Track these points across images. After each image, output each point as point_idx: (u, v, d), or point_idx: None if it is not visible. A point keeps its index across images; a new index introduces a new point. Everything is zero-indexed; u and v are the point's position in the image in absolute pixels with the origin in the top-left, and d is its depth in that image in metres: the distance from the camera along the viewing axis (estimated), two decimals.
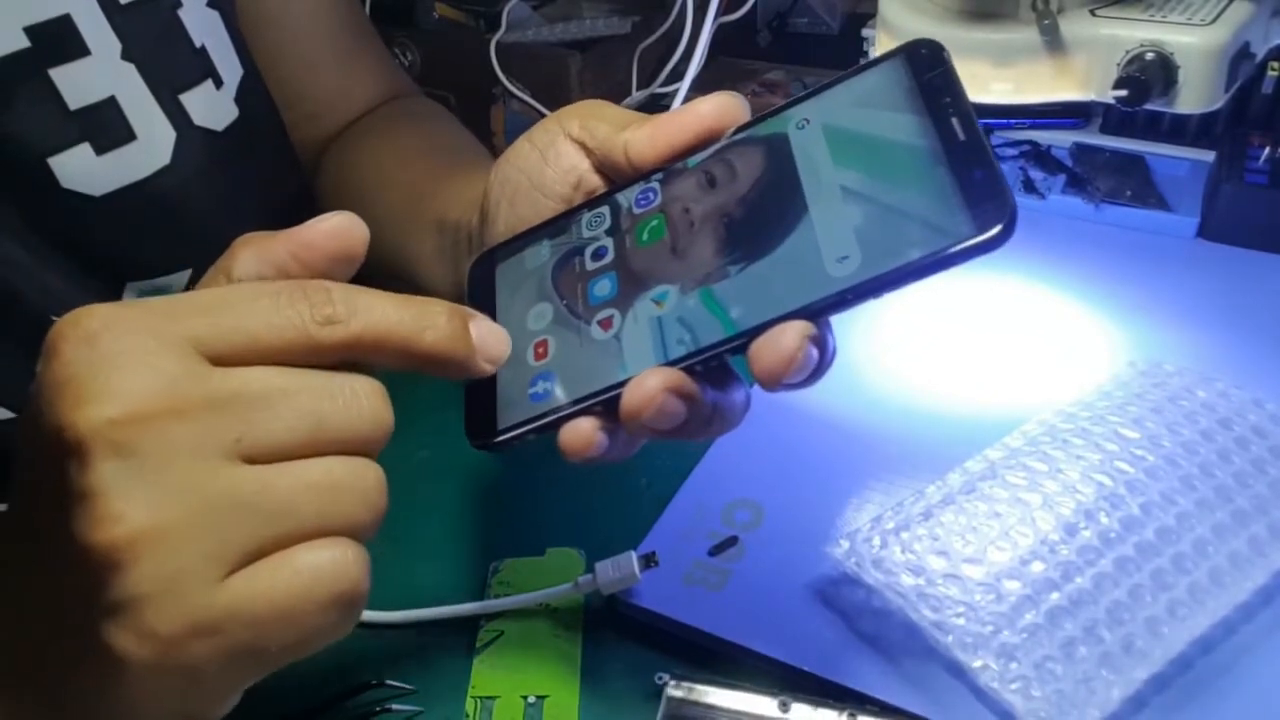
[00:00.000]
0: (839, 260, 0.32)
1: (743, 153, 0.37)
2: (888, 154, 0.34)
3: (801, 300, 0.33)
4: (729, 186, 0.36)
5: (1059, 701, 0.38)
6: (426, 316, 0.31)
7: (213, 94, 0.54)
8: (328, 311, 0.29)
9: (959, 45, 0.54)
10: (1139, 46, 0.51)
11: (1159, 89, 0.51)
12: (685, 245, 0.36)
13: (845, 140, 0.35)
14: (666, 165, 0.38)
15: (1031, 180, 0.73)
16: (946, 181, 0.32)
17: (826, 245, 0.33)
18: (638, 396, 0.33)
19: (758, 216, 0.35)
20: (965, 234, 0.31)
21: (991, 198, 0.31)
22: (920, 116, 0.34)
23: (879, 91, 0.35)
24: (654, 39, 0.93)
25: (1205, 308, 0.61)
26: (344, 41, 0.68)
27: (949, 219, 0.31)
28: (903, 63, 0.35)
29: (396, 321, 0.30)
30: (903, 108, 0.34)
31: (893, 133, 0.34)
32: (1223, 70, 0.51)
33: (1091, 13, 0.53)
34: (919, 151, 0.33)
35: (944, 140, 0.33)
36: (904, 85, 0.35)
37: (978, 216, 0.31)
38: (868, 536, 0.44)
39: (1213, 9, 0.52)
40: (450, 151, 0.64)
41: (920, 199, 0.32)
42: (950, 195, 0.32)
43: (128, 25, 0.48)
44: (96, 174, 0.48)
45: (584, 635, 0.45)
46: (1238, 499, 0.45)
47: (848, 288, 0.32)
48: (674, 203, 0.37)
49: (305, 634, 0.28)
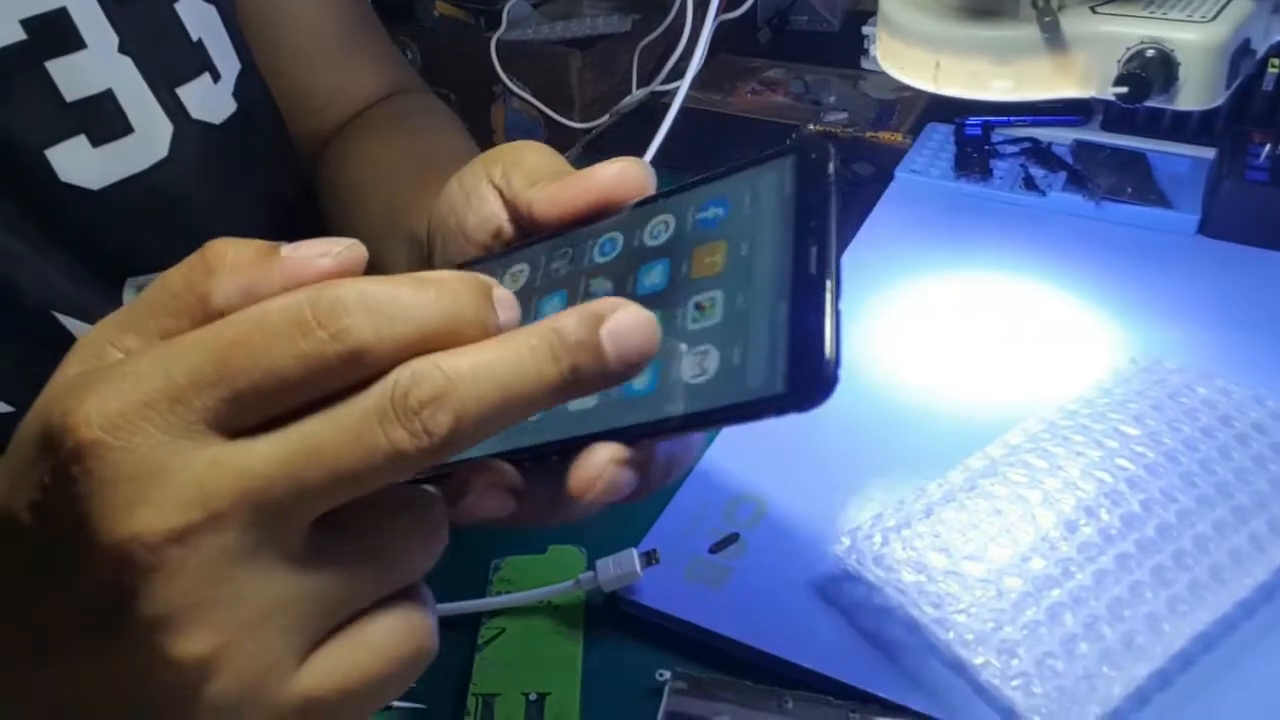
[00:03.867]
0: (654, 386, 0.29)
1: (629, 240, 0.33)
2: (742, 273, 0.29)
3: (609, 420, 0.29)
4: (609, 273, 0.32)
5: (1060, 698, 0.38)
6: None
7: (210, 87, 0.54)
8: (344, 336, 0.24)
9: (959, 42, 0.54)
10: (1139, 43, 0.51)
11: (1159, 86, 0.51)
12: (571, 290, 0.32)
13: (709, 248, 0.30)
14: (568, 227, 0.35)
15: (1032, 177, 0.72)
16: (780, 321, 0.28)
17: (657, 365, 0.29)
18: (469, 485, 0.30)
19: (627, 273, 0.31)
20: (770, 390, 0.27)
21: (810, 356, 0.27)
22: (784, 235, 0.29)
23: (762, 195, 0.30)
24: (654, 37, 0.93)
25: (1206, 305, 0.61)
26: (346, 35, 0.68)
27: (764, 371, 0.27)
28: (790, 166, 0.30)
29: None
30: (773, 221, 0.30)
31: (755, 249, 0.30)
32: (1223, 67, 0.51)
33: (1092, 10, 0.53)
34: (769, 278, 0.29)
35: (796, 270, 0.28)
36: (782, 193, 0.30)
37: (793, 375, 0.27)
38: (869, 534, 0.44)
39: (1213, 6, 0.52)
40: (436, 160, 0.63)
41: (751, 334, 0.28)
42: (776, 338, 0.27)
43: (124, 19, 0.49)
44: (94, 167, 0.48)
45: (585, 632, 0.45)
46: (1238, 495, 0.45)
47: (647, 421, 0.29)
48: (571, 278, 0.33)
49: (383, 699, 0.28)
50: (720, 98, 0.93)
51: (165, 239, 0.52)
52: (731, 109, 0.92)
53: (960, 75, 0.55)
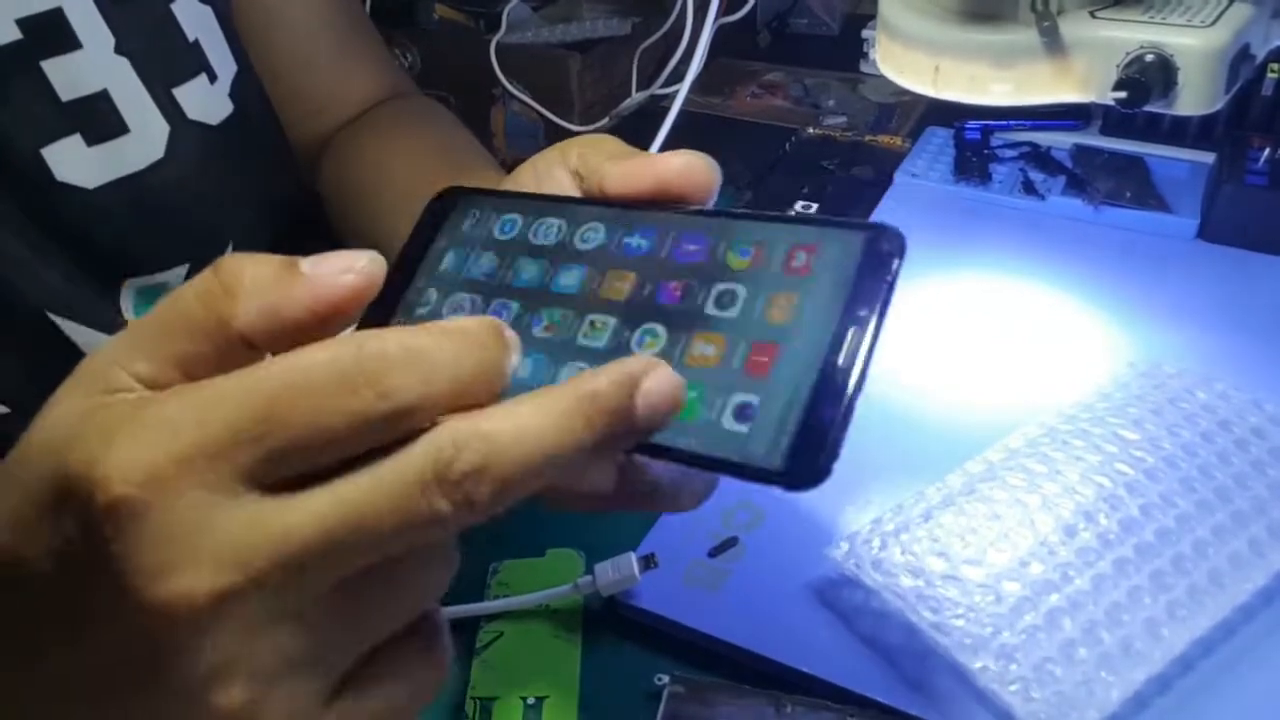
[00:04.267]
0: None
1: (713, 248, 0.32)
2: (793, 336, 0.29)
3: None
4: (687, 274, 0.32)
5: (1058, 703, 0.38)
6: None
7: (206, 88, 0.54)
8: (396, 395, 0.24)
9: (959, 46, 0.54)
10: (1139, 48, 0.51)
11: (1159, 91, 0.51)
12: (579, 304, 0.32)
13: (786, 296, 0.30)
14: (633, 203, 0.34)
15: (1031, 182, 0.73)
16: (800, 399, 0.28)
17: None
18: None
19: (681, 320, 0.31)
20: (769, 465, 0.27)
21: (817, 447, 0.27)
22: (832, 313, 0.29)
23: (828, 262, 0.30)
24: (654, 40, 0.93)
25: (1205, 309, 0.61)
26: (342, 39, 0.69)
27: (768, 441, 0.28)
28: (861, 243, 0.30)
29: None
30: (828, 294, 0.30)
31: (809, 315, 0.30)
32: (1223, 72, 0.51)
33: (1091, 14, 0.53)
34: (806, 351, 0.29)
35: (830, 353, 0.28)
36: (844, 269, 0.30)
37: (793, 457, 0.27)
38: (867, 538, 0.44)
39: (1212, 10, 0.52)
40: (447, 151, 0.64)
41: (770, 400, 0.28)
42: (789, 415, 0.28)
43: (120, 19, 0.49)
44: (89, 166, 0.48)
45: (583, 636, 0.45)
46: (1237, 500, 0.45)
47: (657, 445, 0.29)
48: (596, 261, 0.33)
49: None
50: (720, 101, 0.93)
51: (163, 240, 0.52)
52: (731, 112, 0.92)
53: (960, 79, 0.55)
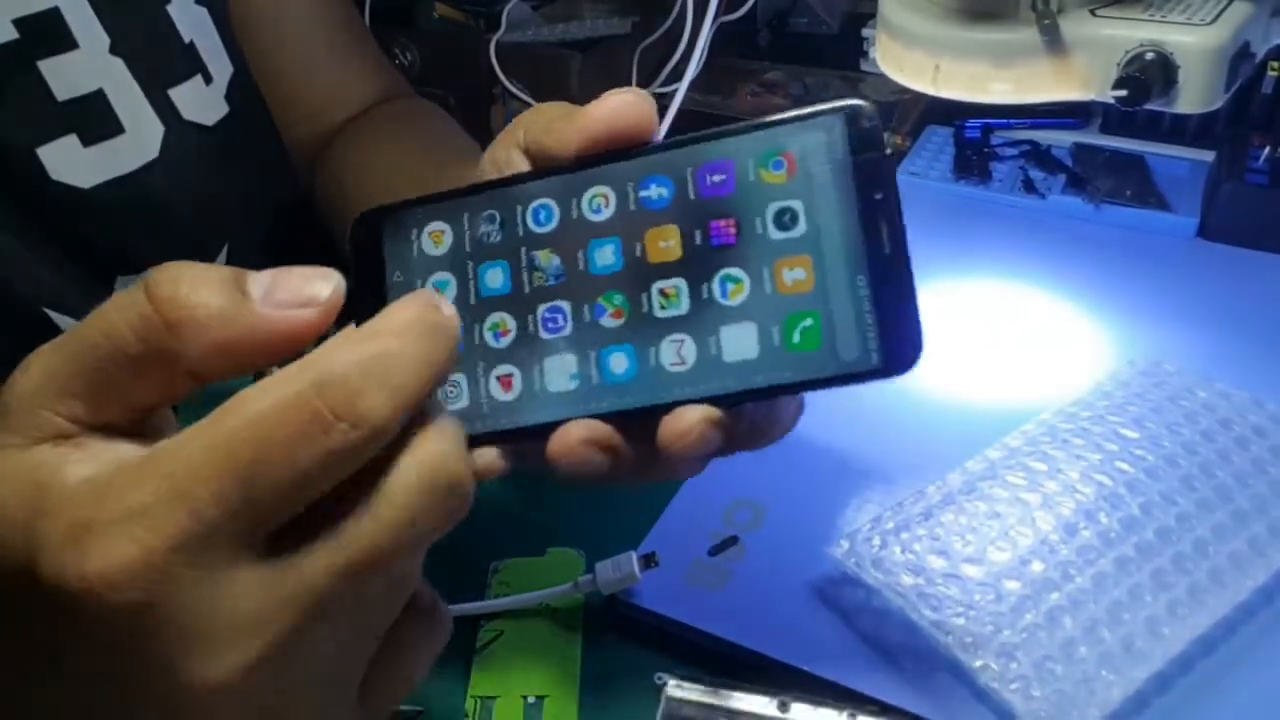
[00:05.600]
0: (741, 351, 0.31)
1: (680, 188, 0.33)
2: (814, 240, 0.30)
3: (701, 384, 0.31)
4: (669, 220, 0.32)
5: (1059, 701, 0.38)
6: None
7: (202, 89, 0.54)
8: (368, 416, 0.24)
9: (959, 45, 0.54)
10: (1139, 46, 0.51)
11: (1159, 89, 0.51)
12: (632, 282, 0.33)
13: (784, 209, 0.31)
14: (592, 163, 0.34)
15: (1031, 180, 0.73)
16: (864, 297, 0.29)
17: (736, 329, 0.31)
18: (562, 445, 0.32)
19: (700, 276, 0.32)
20: (869, 365, 0.29)
21: (906, 334, 0.29)
22: (847, 207, 0.30)
23: (811, 155, 0.31)
24: (654, 39, 0.93)
25: (1205, 308, 0.61)
26: (338, 41, 0.69)
27: (858, 344, 0.29)
28: (840, 129, 0.30)
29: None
30: (829, 187, 0.30)
31: (822, 216, 0.30)
32: (1222, 70, 0.51)
33: (1091, 12, 0.53)
34: (842, 249, 0.30)
35: (869, 245, 0.29)
36: (836, 158, 0.30)
37: (887, 350, 0.29)
38: (868, 536, 0.44)
39: (1212, 9, 0.52)
40: (442, 152, 0.64)
41: (833, 309, 0.29)
42: (864, 316, 0.29)
43: (115, 20, 0.49)
44: (85, 166, 0.48)
45: (584, 635, 0.45)
46: (1238, 499, 0.45)
47: (742, 389, 0.30)
48: (627, 226, 0.33)
49: None
50: (720, 100, 0.93)
51: (156, 239, 0.52)
52: (731, 111, 0.92)
53: (960, 78, 0.55)
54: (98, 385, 0.24)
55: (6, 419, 0.24)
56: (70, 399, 0.24)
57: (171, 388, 0.24)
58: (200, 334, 0.23)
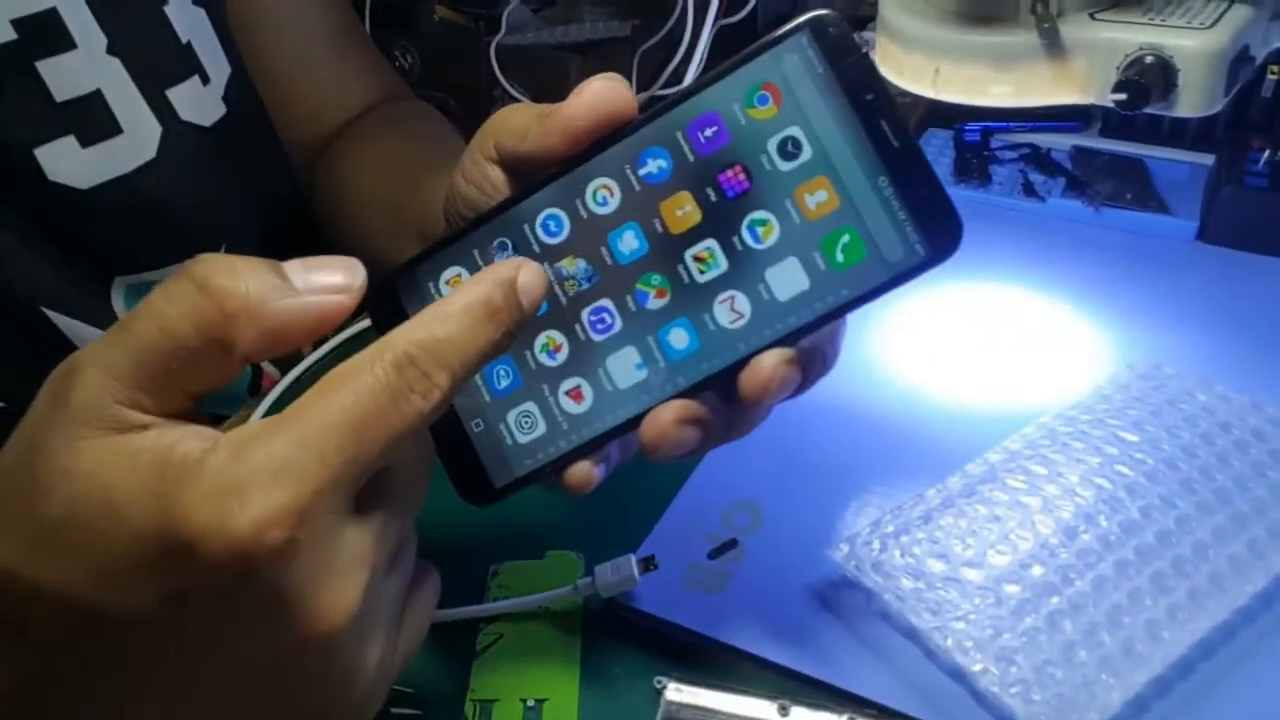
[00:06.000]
0: (792, 287, 0.31)
1: (678, 158, 0.33)
2: (825, 158, 0.31)
3: (766, 331, 0.32)
4: (678, 187, 0.33)
5: (1059, 705, 0.38)
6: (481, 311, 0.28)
7: (200, 90, 0.54)
8: (433, 392, 0.27)
9: (959, 48, 0.55)
10: (1138, 50, 0.51)
11: (1158, 92, 0.51)
12: (664, 258, 0.33)
13: (786, 139, 0.31)
14: (573, 150, 0.34)
15: (1031, 183, 0.73)
16: (890, 196, 0.30)
17: (780, 268, 0.31)
18: (654, 432, 0.33)
19: (728, 231, 0.32)
20: (917, 258, 0.30)
21: (942, 218, 0.30)
22: (844, 116, 0.30)
23: (794, 79, 0.31)
24: (654, 41, 0.93)
25: (1205, 311, 0.61)
26: (336, 43, 0.69)
27: (899, 242, 0.30)
28: (809, 45, 0.31)
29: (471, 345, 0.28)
30: (820, 103, 0.31)
31: (822, 133, 0.31)
32: (1222, 74, 0.51)
33: (1091, 16, 0.53)
34: (853, 157, 0.30)
35: (877, 146, 0.30)
36: (816, 73, 0.31)
37: (929, 239, 0.30)
38: (867, 540, 0.44)
39: (1212, 12, 0.52)
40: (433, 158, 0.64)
41: (864, 217, 0.30)
42: (896, 214, 0.30)
43: (112, 20, 0.49)
44: (83, 167, 0.48)
45: (583, 638, 0.45)
46: (1237, 502, 0.45)
47: (806, 322, 0.31)
48: (639, 207, 0.33)
49: None
50: None
51: (154, 240, 0.52)
52: None
53: (959, 81, 0.55)
54: (163, 379, 0.26)
55: (77, 414, 0.26)
56: (138, 393, 0.26)
57: (227, 371, 0.27)
58: (255, 322, 0.26)
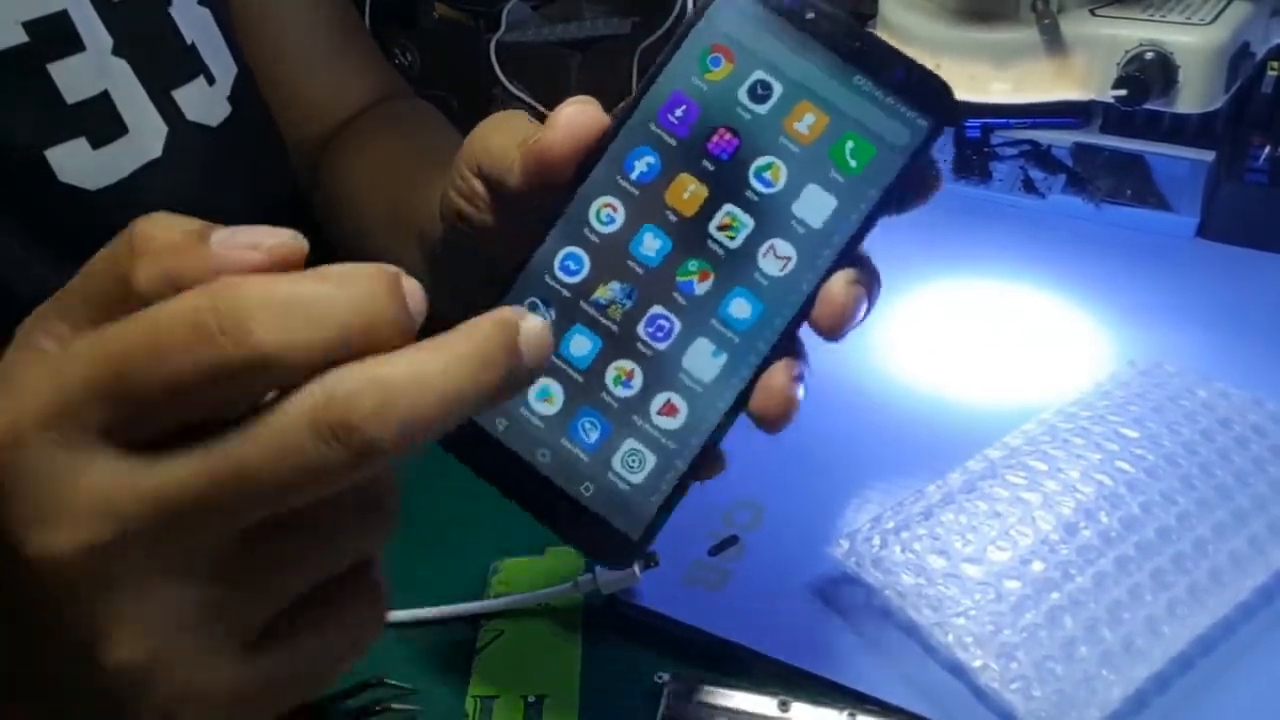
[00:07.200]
0: (822, 211, 0.32)
1: (666, 152, 0.34)
2: (798, 83, 0.32)
3: (819, 263, 0.33)
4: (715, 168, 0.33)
5: (1059, 701, 0.38)
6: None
7: (205, 90, 0.54)
8: (247, 339, 0.23)
9: (959, 45, 0.54)
10: (1138, 46, 0.51)
11: (1159, 89, 0.51)
12: (692, 242, 0.33)
13: (755, 85, 0.33)
14: (558, 180, 0.34)
15: (1032, 180, 0.73)
16: (870, 89, 0.32)
17: (804, 199, 0.32)
18: (770, 406, 0.33)
19: (739, 190, 0.33)
20: (922, 130, 0.31)
21: (925, 86, 0.31)
22: (795, 43, 0.32)
23: (740, 30, 0.33)
24: (654, 39, 0.93)
25: (1205, 307, 0.61)
26: (336, 41, 0.69)
27: (899, 124, 0.31)
28: None
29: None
30: (768, 42, 0.32)
31: (777, 70, 0.32)
32: (1222, 70, 0.51)
33: (1091, 12, 0.53)
34: (822, 70, 0.32)
35: (838, 51, 0.32)
36: (755, 16, 0.32)
37: (925, 108, 0.31)
38: (868, 536, 0.44)
39: (1212, 8, 0.52)
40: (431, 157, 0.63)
41: (857, 117, 0.32)
42: (884, 100, 0.31)
43: (118, 21, 0.49)
44: (93, 169, 0.48)
45: (583, 635, 0.45)
46: (1237, 498, 0.45)
47: (852, 235, 0.32)
48: (646, 207, 0.34)
49: (342, 670, 0.27)
50: None
51: None
52: None
53: (960, 78, 0.55)
54: (77, 308, 0.26)
55: (15, 337, 0.26)
56: (57, 319, 0.26)
57: (127, 307, 0.25)
58: (155, 261, 0.25)
